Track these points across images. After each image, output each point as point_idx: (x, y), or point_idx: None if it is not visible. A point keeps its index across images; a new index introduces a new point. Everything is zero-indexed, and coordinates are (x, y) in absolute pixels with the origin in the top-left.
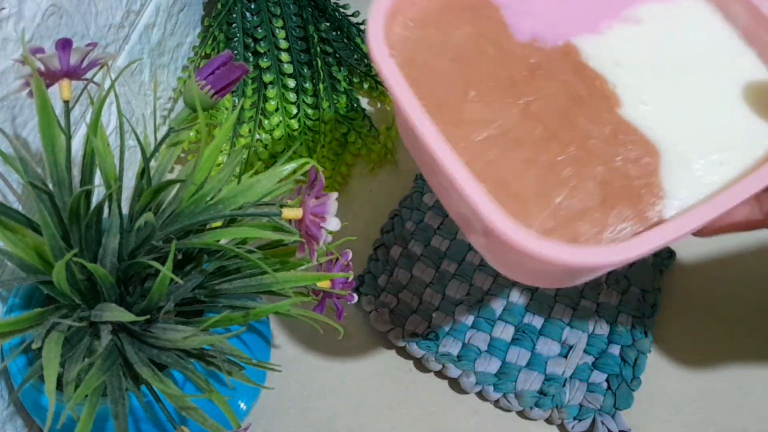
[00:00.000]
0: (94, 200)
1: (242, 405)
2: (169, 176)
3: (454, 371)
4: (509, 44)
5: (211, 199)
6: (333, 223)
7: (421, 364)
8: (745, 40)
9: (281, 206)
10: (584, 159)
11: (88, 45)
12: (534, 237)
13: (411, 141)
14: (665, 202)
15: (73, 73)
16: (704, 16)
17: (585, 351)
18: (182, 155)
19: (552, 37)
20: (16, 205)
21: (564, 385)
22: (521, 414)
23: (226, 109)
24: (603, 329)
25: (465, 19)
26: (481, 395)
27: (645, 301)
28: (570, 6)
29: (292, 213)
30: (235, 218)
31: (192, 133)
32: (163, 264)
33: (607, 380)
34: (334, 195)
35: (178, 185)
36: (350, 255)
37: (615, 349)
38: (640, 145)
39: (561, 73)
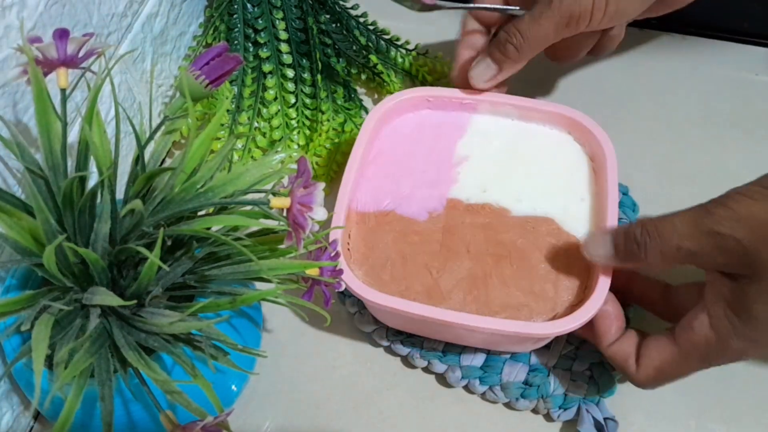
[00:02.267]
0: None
1: (234, 387)
2: (169, 162)
3: (439, 367)
4: (420, 227)
5: (202, 186)
6: (320, 213)
7: (407, 360)
8: (524, 122)
9: (273, 194)
10: (527, 252)
11: (84, 35)
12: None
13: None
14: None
15: (70, 62)
16: (493, 123)
17: (567, 341)
18: (183, 141)
19: (437, 204)
20: (17, 189)
21: (549, 375)
22: (507, 405)
23: (226, 98)
24: None
25: (386, 230)
26: (467, 388)
27: None
28: (427, 180)
29: (280, 202)
30: (226, 206)
31: (190, 121)
32: (152, 250)
33: (589, 369)
34: (321, 185)
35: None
36: (339, 244)
37: None
38: (542, 223)
39: (464, 219)
